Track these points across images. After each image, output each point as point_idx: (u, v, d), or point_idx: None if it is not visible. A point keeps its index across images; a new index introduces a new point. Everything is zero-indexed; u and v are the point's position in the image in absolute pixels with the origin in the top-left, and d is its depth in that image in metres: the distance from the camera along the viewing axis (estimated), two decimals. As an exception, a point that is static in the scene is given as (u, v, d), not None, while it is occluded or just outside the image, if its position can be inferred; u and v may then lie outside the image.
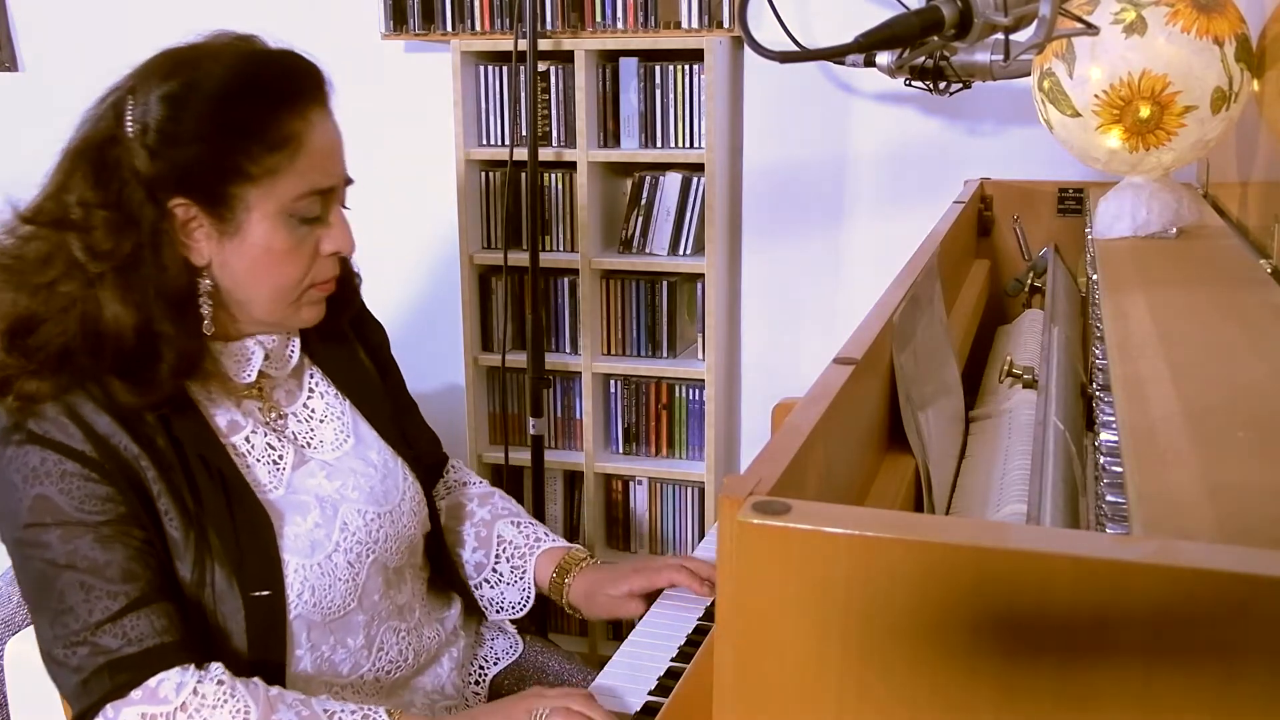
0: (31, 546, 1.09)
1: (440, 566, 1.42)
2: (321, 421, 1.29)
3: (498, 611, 1.46)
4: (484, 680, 1.43)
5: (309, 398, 1.30)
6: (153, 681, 1.07)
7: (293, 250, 1.17)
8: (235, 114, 1.11)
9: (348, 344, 1.36)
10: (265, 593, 1.15)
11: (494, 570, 1.45)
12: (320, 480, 1.24)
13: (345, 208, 1.23)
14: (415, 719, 1.16)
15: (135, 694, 1.07)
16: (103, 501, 1.09)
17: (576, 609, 1.44)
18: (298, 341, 1.28)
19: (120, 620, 1.08)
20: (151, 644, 1.08)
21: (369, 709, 1.13)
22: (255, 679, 1.12)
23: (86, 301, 1.09)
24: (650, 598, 1.43)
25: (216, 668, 1.10)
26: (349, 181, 1.23)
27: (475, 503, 1.50)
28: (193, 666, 1.09)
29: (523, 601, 1.45)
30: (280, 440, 1.23)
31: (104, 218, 1.10)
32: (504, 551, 1.46)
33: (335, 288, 1.24)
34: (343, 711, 1.12)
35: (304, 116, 1.15)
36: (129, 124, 1.11)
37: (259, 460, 1.21)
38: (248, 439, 1.21)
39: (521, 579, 1.45)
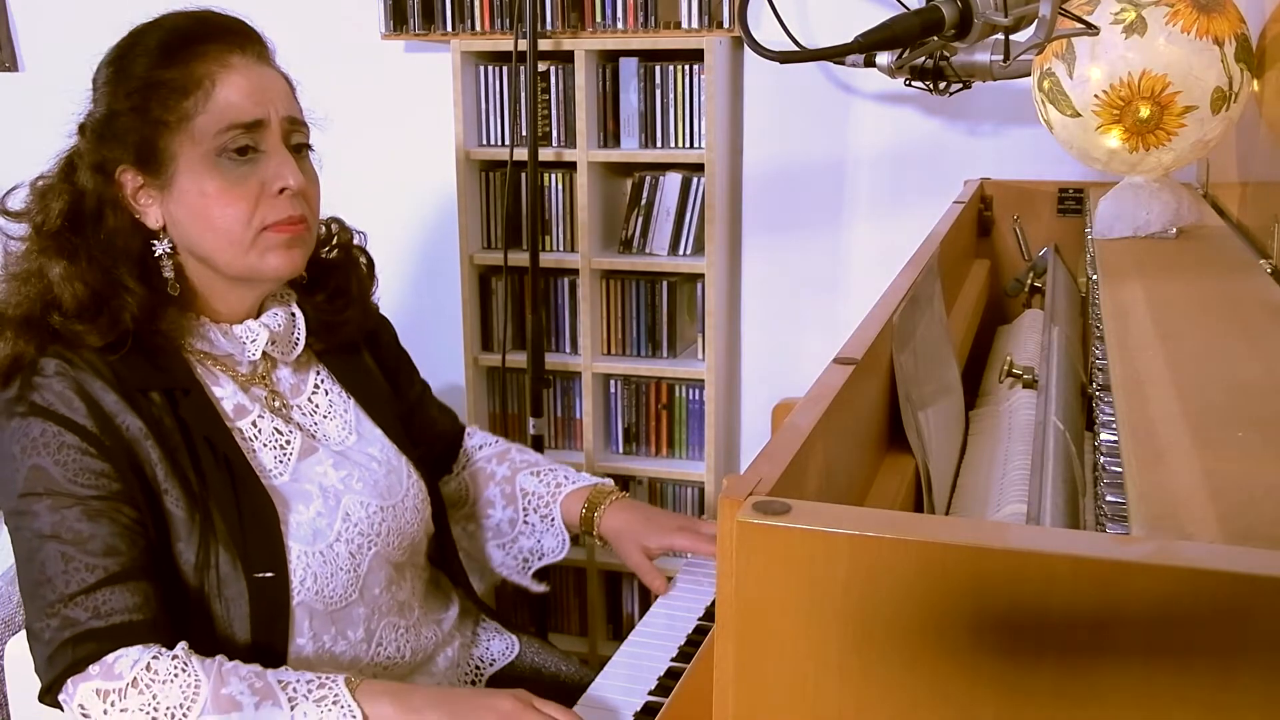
0: (23, 517, 1.10)
1: (445, 563, 1.42)
2: (325, 417, 1.30)
3: (540, 558, 1.50)
4: (480, 681, 1.44)
5: (314, 393, 1.31)
6: (110, 658, 1.07)
7: (228, 189, 1.17)
8: (149, 72, 1.17)
9: (355, 346, 1.38)
10: (269, 574, 1.15)
11: (525, 523, 1.50)
12: (326, 469, 1.25)
13: (308, 149, 1.25)
14: (374, 685, 1.12)
15: (93, 669, 1.06)
16: (96, 476, 1.10)
17: (606, 540, 1.47)
18: (301, 324, 1.29)
19: (94, 594, 1.07)
20: (119, 620, 1.07)
21: (326, 677, 1.11)
22: (217, 656, 1.10)
23: (40, 268, 1.16)
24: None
25: (179, 646, 1.09)
26: (296, 124, 1.23)
27: (494, 463, 1.53)
28: (157, 646, 1.08)
29: (560, 545, 1.49)
30: (288, 426, 1.25)
31: (56, 190, 1.18)
32: (529, 503, 1.49)
33: (300, 231, 1.22)
34: (298, 681, 1.10)
35: (217, 60, 1.18)
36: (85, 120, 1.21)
37: (265, 445, 1.22)
38: (255, 423, 1.22)
39: (553, 526, 1.49)
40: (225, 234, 1.18)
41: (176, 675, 1.07)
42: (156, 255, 1.19)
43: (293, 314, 1.29)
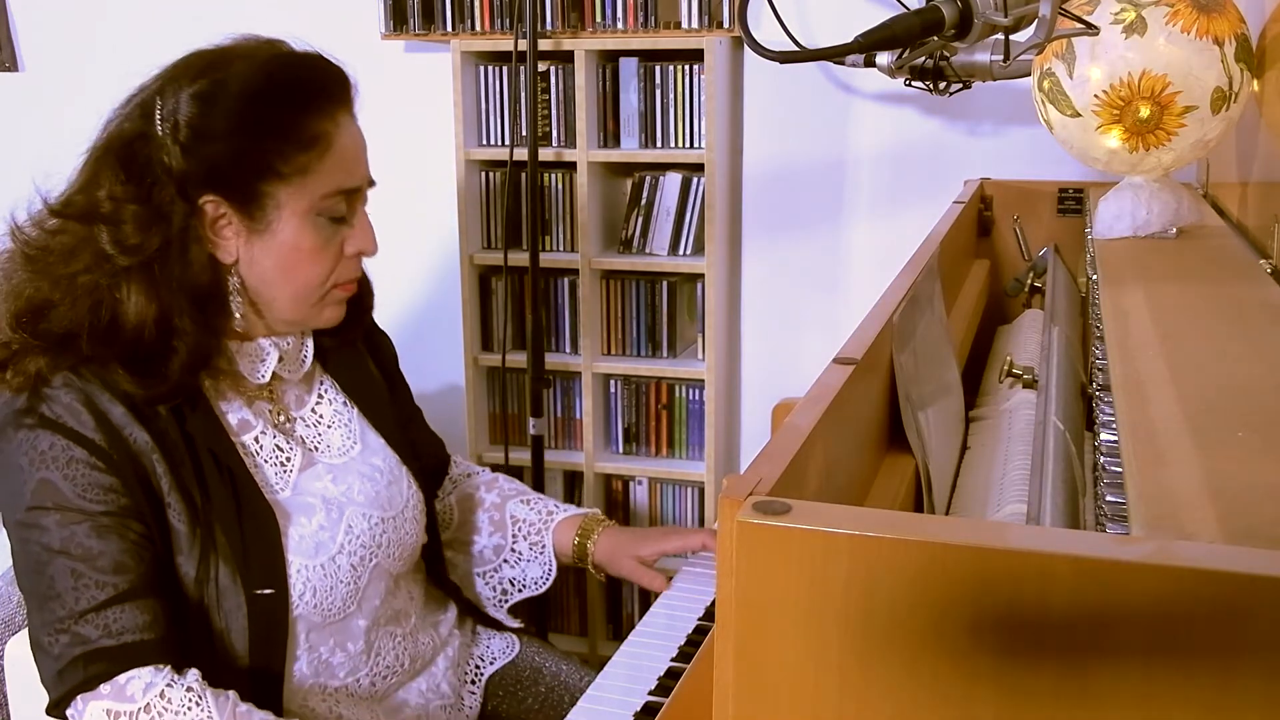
0: (30, 529, 1.09)
1: (436, 573, 1.42)
2: (329, 427, 1.29)
3: (520, 590, 1.48)
4: (480, 680, 1.44)
5: (317, 403, 1.30)
6: (122, 678, 1.06)
7: (320, 249, 1.18)
8: (266, 112, 1.13)
9: (359, 354, 1.37)
10: (269, 591, 1.15)
11: (513, 550, 1.48)
12: (326, 483, 1.24)
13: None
14: None
15: (104, 688, 1.06)
16: (105, 491, 1.09)
17: (601, 568, 1.47)
18: (310, 344, 1.28)
19: (104, 611, 1.07)
20: (130, 639, 1.07)
21: None
22: (229, 691, 1.10)
23: (107, 292, 1.10)
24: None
25: (192, 674, 1.09)
26: (372, 184, 1.24)
27: (482, 490, 1.52)
28: (168, 668, 1.08)
29: (545, 576, 1.48)
30: (289, 442, 1.24)
31: (133, 212, 1.11)
32: (520, 530, 1.48)
33: (356, 290, 1.26)
34: None
35: (332, 117, 1.17)
36: (159, 122, 1.12)
37: (267, 461, 1.21)
38: (257, 439, 1.21)
39: (541, 554, 1.48)
40: (304, 287, 1.19)
41: (190, 709, 1.07)
42: (229, 291, 1.16)
43: (302, 334, 1.27)
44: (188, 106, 1.11)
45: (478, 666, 1.44)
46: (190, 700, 1.07)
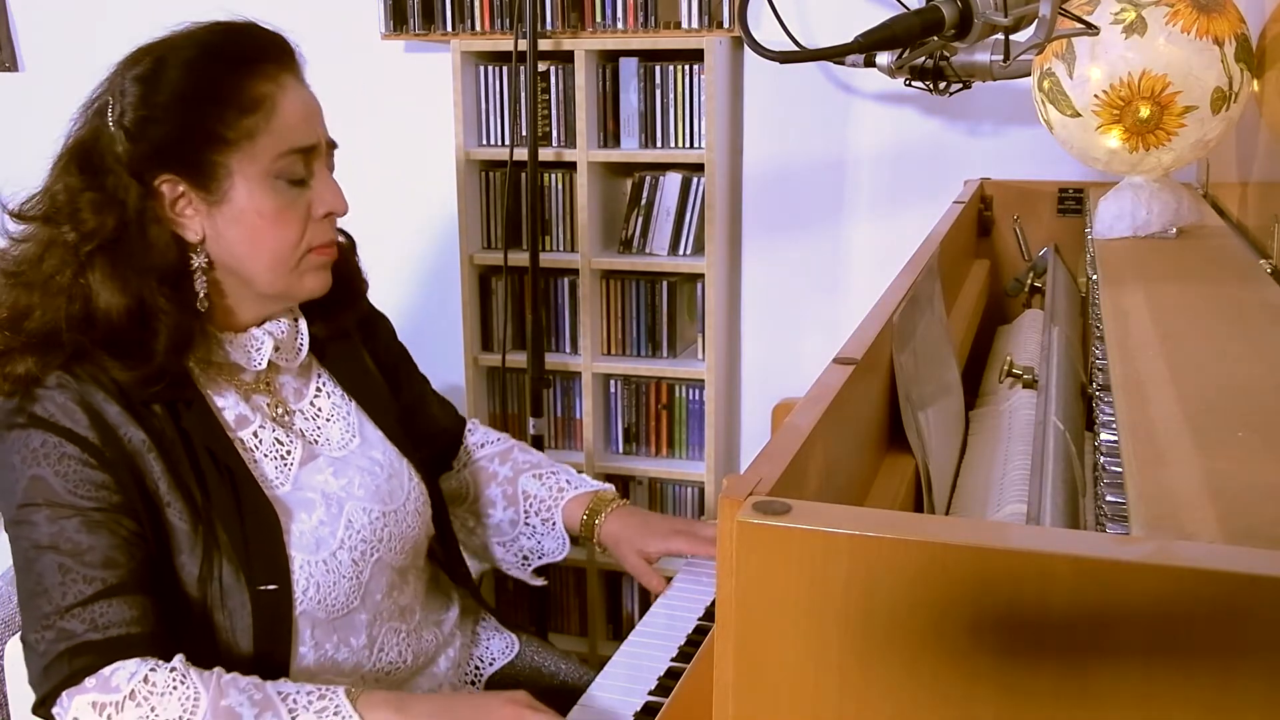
0: (21, 527, 1.09)
1: (448, 563, 1.42)
2: (328, 420, 1.29)
3: (540, 558, 1.51)
4: (480, 680, 1.44)
5: (315, 396, 1.30)
6: (107, 670, 1.05)
7: (283, 211, 1.17)
8: (204, 82, 1.14)
9: (355, 348, 1.37)
10: (272, 587, 1.15)
11: (526, 524, 1.50)
12: (326, 477, 1.24)
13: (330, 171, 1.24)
14: (374, 695, 1.12)
15: (89, 682, 1.05)
16: (97, 488, 1.09)
17: (605, 548, 1.48)
18: (305, 330, 1.28)
19: (91, 606, 1.06)
20: (116, 633, 1.06)
21: (326, 688, 1.11)
22: (215, 668, 1.10)
23: (75, 281, 1.12)
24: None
25: (176, 658, 1.08)
26: (333, 145, 1.24)
27: (496, 462, 1.53)
28: (154, 659, 1.07)
29: (559, 547, 1.50)
30: (289, 435, 1.24)
31: (89, 199, 1.12)
32: (531, 506, 1.50)
33: (336, 254, 1.25)
34: (298, 692, 1.09)
35: (274, 79, 1.17)
36: (109, 116, 1.14)
37: (266, 455, 1.21)
38: (256, 434, 1.21)
39: (554, 529, 1.50)
40: (275, 254, 1.18)
41: (175, 688, 1.06)
42: (193, 269, 1.17)
43: (295, 319, 1.28)
44: (131, 91, 1.14)
45: (477, 668, 1.44)
46: (175, 680, 1.06)
